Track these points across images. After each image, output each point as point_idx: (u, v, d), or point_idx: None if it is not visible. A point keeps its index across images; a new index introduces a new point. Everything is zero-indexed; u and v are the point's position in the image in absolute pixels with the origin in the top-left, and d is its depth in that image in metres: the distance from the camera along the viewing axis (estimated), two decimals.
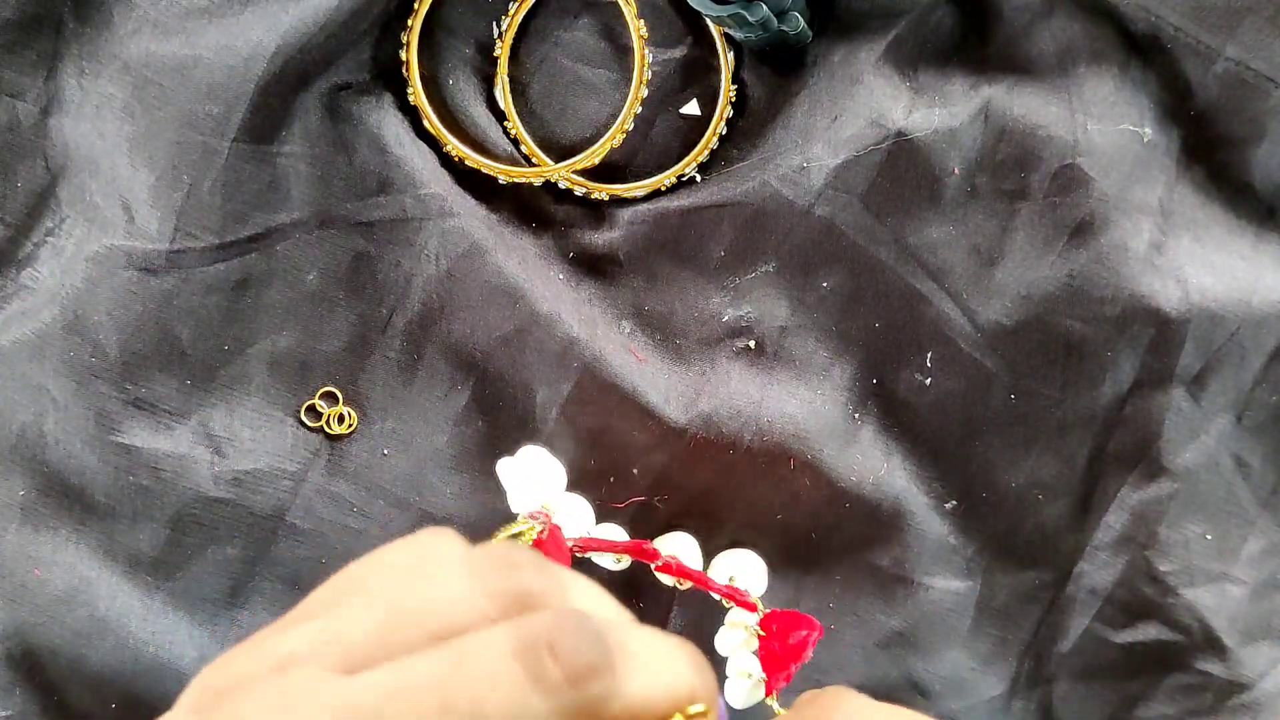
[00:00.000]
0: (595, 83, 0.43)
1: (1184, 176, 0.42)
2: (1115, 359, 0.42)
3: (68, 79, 0.41)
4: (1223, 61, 0.40)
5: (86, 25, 0.40)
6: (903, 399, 0.43)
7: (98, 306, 0.40)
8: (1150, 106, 0.41)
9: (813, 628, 0.41)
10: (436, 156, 0.43)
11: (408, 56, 0.42)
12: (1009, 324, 0.42)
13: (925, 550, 0.43)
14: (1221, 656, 0.43)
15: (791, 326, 0.43)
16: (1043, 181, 0.41)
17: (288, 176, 0.41)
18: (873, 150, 0.41)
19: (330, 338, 0.43)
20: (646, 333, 0.44)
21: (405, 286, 0.42)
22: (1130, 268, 0.41)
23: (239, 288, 0.42)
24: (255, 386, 0.42)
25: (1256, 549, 0.43)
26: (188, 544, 0.42)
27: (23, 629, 0.41)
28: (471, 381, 0.43)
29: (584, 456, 0.43)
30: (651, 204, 0.43)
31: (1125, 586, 0.43)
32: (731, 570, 0.43)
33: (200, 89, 0.39)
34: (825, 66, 0.42)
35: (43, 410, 0.41)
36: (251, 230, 0.41)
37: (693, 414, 0.42)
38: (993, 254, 0.42)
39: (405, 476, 0.43)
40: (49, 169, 0.41)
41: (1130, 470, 0.43)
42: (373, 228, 0.42)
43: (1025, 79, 0.41)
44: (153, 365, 0.41)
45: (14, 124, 0.41)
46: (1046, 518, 0.43)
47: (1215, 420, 0.43)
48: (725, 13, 0.38)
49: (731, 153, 0.43)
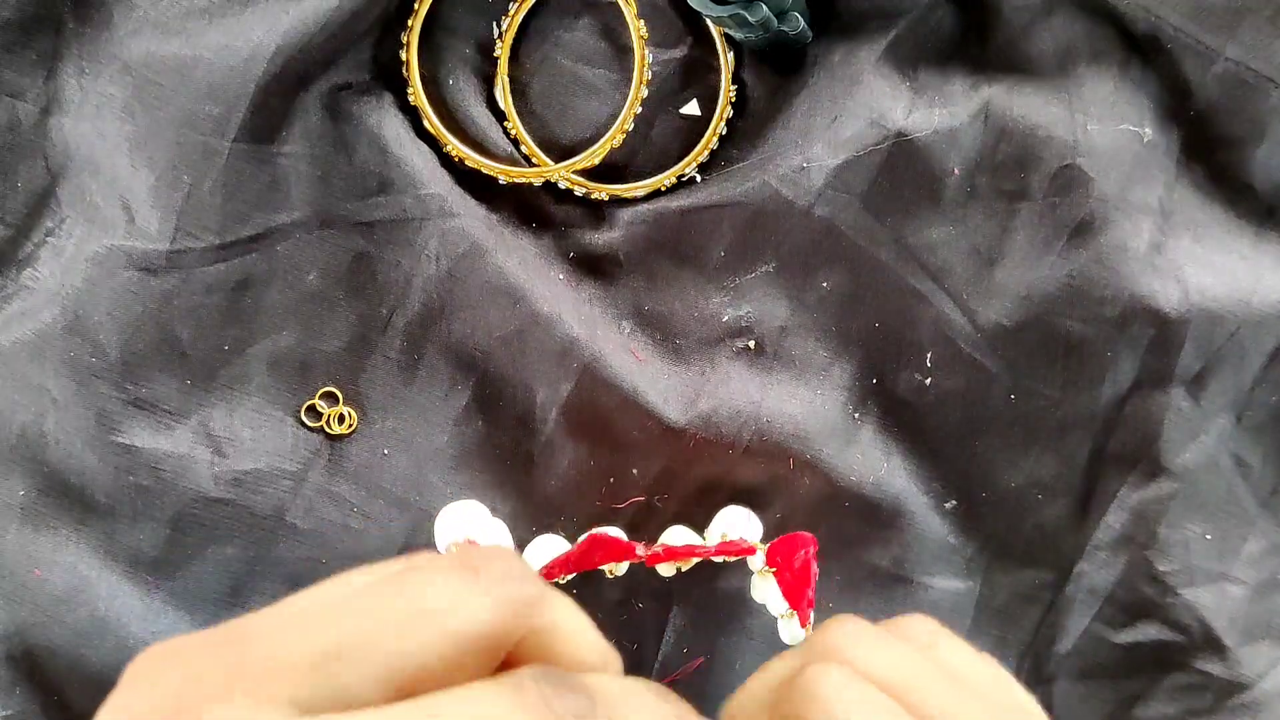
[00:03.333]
0: (595, 83, 0.43)
1: (1184, 176, 0.42)
2: (1115, 359, 0.42)
3: (68, 79, 0.41)
4: (1223, 61, 0.40)
5: (86, 25, 0.40)
6: (902, 399, 0.43)
7: (98, 306, 0.40)
8: (1150, 106, 0.41)
9: (806, 544, 0.40)
10: (436, 156, 0.43)
11: (408, 56, 0.42)
12: (1009, 324, 0.42)
13: (925, 550, 0.44)
14: (1221, 656, 0.43)
15: (791, 326, 0.43)
16: (1043, 181, 0.41)
17: (288, 176, 0.41)
18: (873, 150, 0.41)
19: (330, 338, 0.43)
20: (646, 333, 0.44)
21: (405, 286, 0.42)
22: (1130, 268, 0.41)
23: (239, 288, 0.42)
24: (255, 386, 0.42)
25: (1256, 549, 0.43)
26: (188, 544, 0.42)
27: (23, 629, 0.41)
28: (471, 381, 0.43)
29: (584, 456, 0.43)
30: (651, 204, 0.43)
31: (1125, 586, 0.43)
32: (722, 529, 0.42)
33: (200, 89, 0.39)
34: (825, 66, 0.42)
35: (43, 410, 0.41)
36: (251, 230, 0.41)
37: (693, 414, 0.42)
38: (993, 254, 0.42)
39: (405, 476, 0.43)
40: (49, 169, 0.41)
41: (1130, 470, 0.43)
42: (373, 228, 0.42)
43: (1025, 79, 0.41)
44: (153, 365, 0.41)
45: (14, 124, 0.41)
46: (1046, 518, 0.43)
47: (1215, 420, 0.43)
48: (725, 13, 0.38)
49: (731, 153, 0.43)
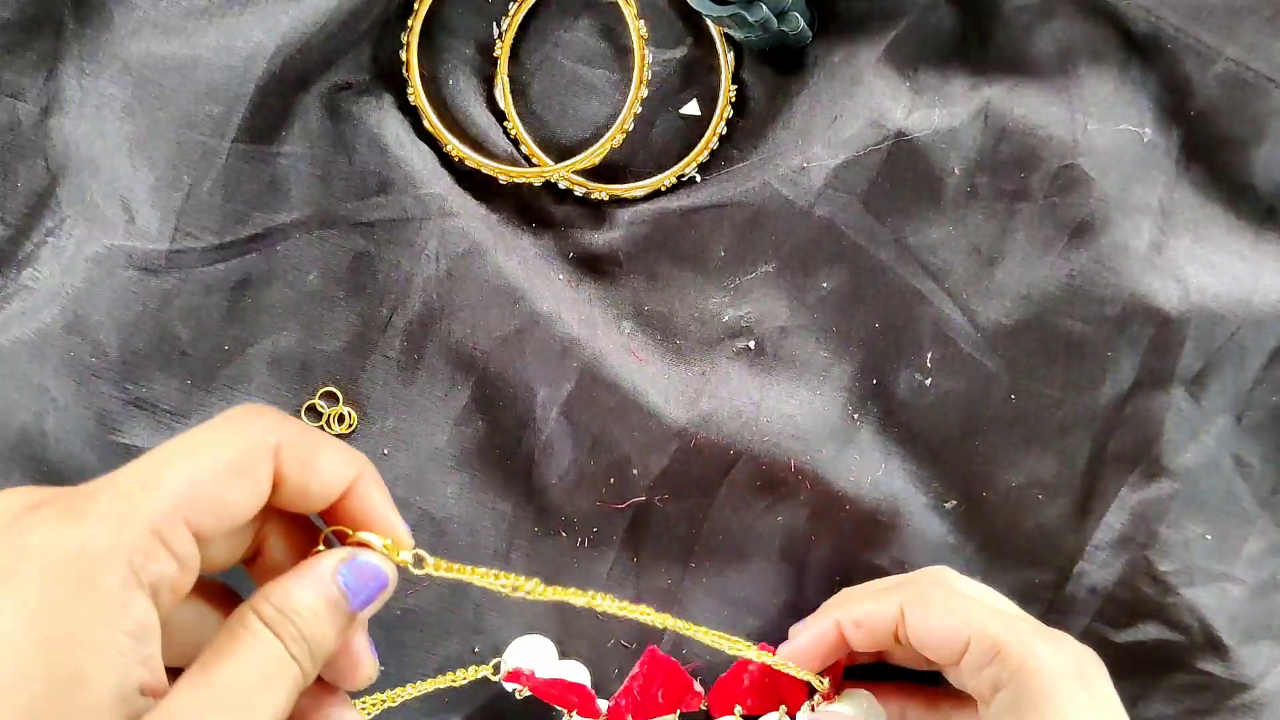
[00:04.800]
0: (595, 83, 0.43)
1: (1184, 176, 0.42)
2: (1115, 359, 0.42)
3: (68, 79, 0.41)
4: (1223, 61, 0.40)
5: (86, 25, 0.40)
6: (902, 399, 0.43)
7: (98, 306, 0.40)
8: (1150, 106, 0.41)
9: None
10: (436, 156, 0.43)
11: (408, 56, 0.42)
12: (1009, 324, 0.42)
13: (925, 550, 0.43)
14: (1222, 656, 0.43)
15: (791, 327, 0.43)
16: (1043, 181, 0.41)
17: (288, 176, 0.41)
18: (873, 150, 0.41)
19: (330, 337, 0.43)
20: (646, 333, 0.44)
21: (405, 286, 0.42)
22: (1130, 268, 0.41)
23: (239, 288, 0.42)
24: (255, 386, 0.42)
25: (1256, 549, 0.43)
26: None
27: None
28: (471, 381, 0.43)
29: (584, 457, 0.43)
30: (651, 204, 0.43)
31: (1125, 586, 0.43)
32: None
33: (200, 89, 0.39)
34: (825, 66, 0.42)
35: (43, 410, 0.41)
36: (252, 230, 0.41)
37: (693, 414, 0.42)
38: (993, 254, 0.42)
39: (405, 476, 0.43)
40: (49, 169, 0.41)
41: (1130, 470, 0.43)
42: (373, 228, 0.42)
43: (1025, 79, 0.41)
44: (153, 365, 0.41)
45: (14, 124, 0.41)
46: (1046, 518, 0.43)
47: (1215, 420, 0.42)
48: (725, 13, 0.38)
49: (731, 153, 0.43)
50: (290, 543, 0.31)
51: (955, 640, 0.35)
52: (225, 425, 0.28)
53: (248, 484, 0.27)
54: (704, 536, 0.44)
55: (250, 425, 0.28)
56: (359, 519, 0.30)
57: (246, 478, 0.27)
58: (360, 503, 0.30)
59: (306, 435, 0.29)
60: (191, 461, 0.27)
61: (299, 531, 0.31)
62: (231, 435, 0.28)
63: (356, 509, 0.30)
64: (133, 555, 0.25)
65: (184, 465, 0.26)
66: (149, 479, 0.26)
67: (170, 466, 0.26)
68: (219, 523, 0.27)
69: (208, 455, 0.27)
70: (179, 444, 0.27)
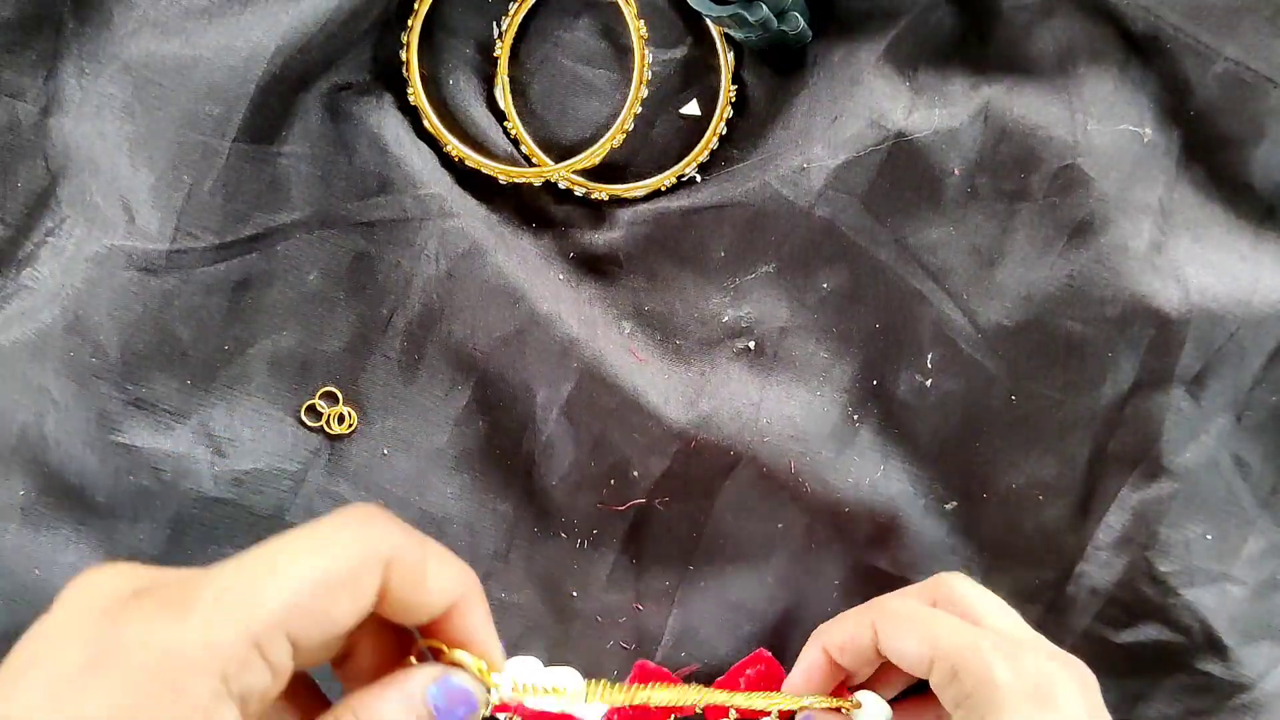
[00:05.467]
0: (595, 83, 0.43)
1: (1184, 176, 0.42)
2: (1115, 359, 0.42)
3: (68, 79, 0.41)
4: (1223, 61, 0.40)
5: (86, 25, 0.40)
6: (902, 400, 0.43)
7: (98, 306, 0.40)
8: (1150, 106, 0.41)
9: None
10: (436, 156, 0.43)
11: (408, 56, 0.42)
12: (1009, 324, 0.42)
13: (924, 551, 0.43)
14: (1222, 656, 0.43)
15: (791, 327, 0.43)
16: (1043, 181, 0.41)
17: (288, 176, 0.41)
18: (873, 151, 0.41)
19: (330, 338, 0.43)
20: (646, 333, 0.44)
21: (405, 286, 0.42)
22: (1130, 268, 0.41)
23: (239, 288, 0.42)
24: (255, 386, 0.42)
25: (1256, 549, 0.43)
26: (188, 544, 0.42)
27: (23, 629, 0.41)
28: (471, 381, 0.43)
29: (584, 457, 0.43)
30: (651, 204, 0.43)
31: (1126, 586, 0.43)
32: None
33: (200, 89, 0.39)
34: (825, 66, 0.42)
35: (43, 410, 0.41)
36: (252, 230, 0.41)
37: (693, 414, 0.42)
38: (993, 254, 0.42)
39: (405, 476, 0.43)
40: (49, 169, 0.41)
41: (1130, 470, 0.43)
42: (373, 228, 0.42)
43: (1025, 79, 0.41)
44: (153, 365, 0.41)
45: (14, 124, 0.41)
46: (1046, 518, 0.43)
47: (1215, 420, 0.43)
48: (725, 13, 0.38)
49: (731, 153, 0.43)
50: (382, 648, 0.30)
51: (921, 660, 0.35)
52: (339, 528, 0.27)
53: (354, 596, 0.26)
54: (704, 539, 0.44)
55: (364, 532, 0.27)
56: (456, 636, 0.29)
57: (353, 590, 0.26)
58: (460, 619, 0.29)
59: (418, 548, 0.28)
60: (300, 568, 0.26)
61: (392, 637, 0.30)
62: (344, 542, 0.27)
63: (456, 625, 0.29)
64: (228, 665, 0.24)
65: (293, 571, 0.25)
66: (256, 582, 0.25)
67: (278, 571, 0.25)
68: (320, 633, 0.26)
69: (318, 561, 0.26)
70: (291, 542, 0.26)
